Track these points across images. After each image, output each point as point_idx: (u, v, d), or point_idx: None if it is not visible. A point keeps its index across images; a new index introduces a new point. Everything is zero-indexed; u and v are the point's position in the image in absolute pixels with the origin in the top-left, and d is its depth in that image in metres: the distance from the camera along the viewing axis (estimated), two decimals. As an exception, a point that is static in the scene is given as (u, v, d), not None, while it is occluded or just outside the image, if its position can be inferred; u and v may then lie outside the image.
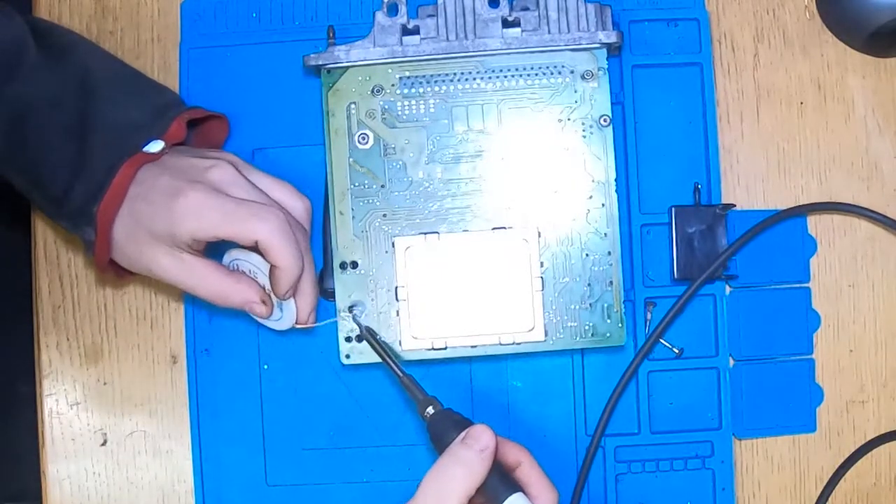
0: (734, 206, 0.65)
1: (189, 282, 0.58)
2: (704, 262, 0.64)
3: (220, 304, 0.59)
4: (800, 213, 0.65)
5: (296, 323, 0.61)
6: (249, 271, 0.60)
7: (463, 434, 0.55)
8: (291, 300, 0.61)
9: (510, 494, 0.54)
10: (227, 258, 0.61)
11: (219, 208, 0.57)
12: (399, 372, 0.59)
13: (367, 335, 0.62)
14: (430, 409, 0.57)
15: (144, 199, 0.57)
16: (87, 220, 0.58)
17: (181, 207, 0.56)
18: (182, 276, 0.58)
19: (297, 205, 0.61)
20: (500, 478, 0.55)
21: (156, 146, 0.59)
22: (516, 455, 0.56)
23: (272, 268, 0.58)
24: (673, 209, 0.64)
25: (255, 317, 0.61)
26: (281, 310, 0.61)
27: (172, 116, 0.60)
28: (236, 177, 0.59)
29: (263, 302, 0.59)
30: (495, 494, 0.54)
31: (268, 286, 0.60)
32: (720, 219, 0.64)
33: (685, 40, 0.65)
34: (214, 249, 0.61)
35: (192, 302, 0.66)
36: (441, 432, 0.56)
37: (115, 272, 0.61)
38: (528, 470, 0.56)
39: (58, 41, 0.61)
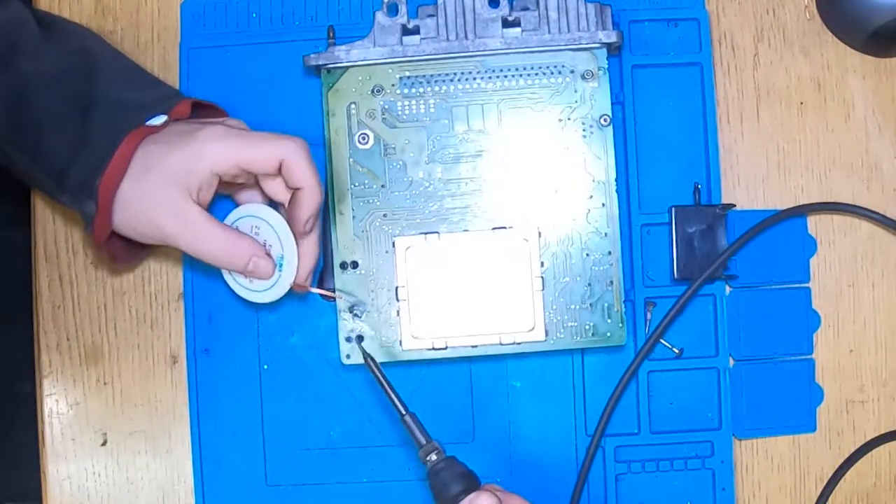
0: (734, 206, 0.65)
1: (192, 238, 0.58)
2: (704, 262, 0.64)
3: (224, 263, 0.59)
4: (800, 213, 0.65)
5: (294, 283, 0.61)
6: (252, 227, 0.60)
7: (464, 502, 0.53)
8: (293, 263, 0.60)
9: None
10: (227, 220, 0.61)
11: (241, 135, 0.58)
12: (402, 410, 0.56)
13: (373, 367, 0.58)
14: (434, 457, 0.55)
15: (159, 142, 0.58)
16: (89, 193, 0.57)
17: (203, 135, 0.57)
18: (185, 234, 0.58)
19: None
20: None
21: (159, 119, 0.59)
22: None
23: (295, 193, 0.59)
24: (673, 209, 0.64)
25: (247, 291, 0.61)
26: (280, 269, 0.60)
27: (176, 101, 0.60)
28: (246, 126, 0.60)
29: (268, 255, 0.60)
30: None
31: (269, 241, 0.60)
32: (720, 219, 0.64)
33: (685, 40, 0.66)
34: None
35: (193, 301, 0.66)
36: (442, 485, 0.54)
37: (110, 254, 0.61)
38: None
39: (61, 26, 0.61)
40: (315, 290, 0.62)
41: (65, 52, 0.59)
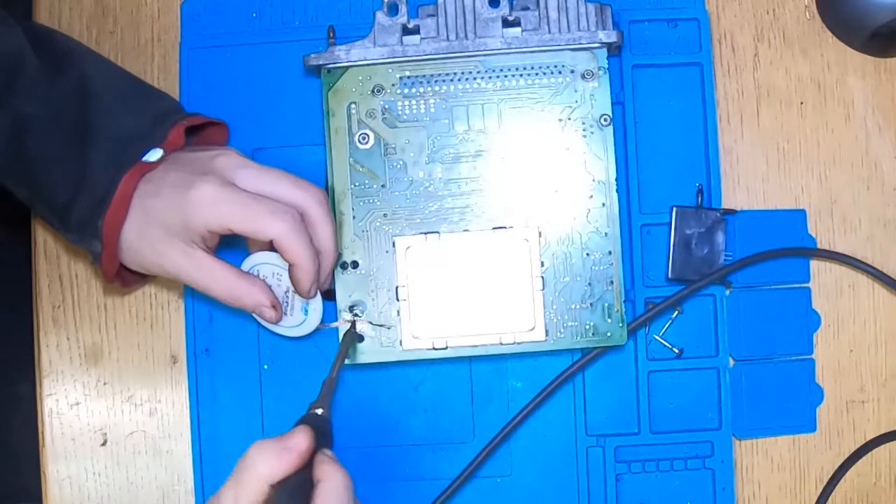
0: (735, 210, 0.65)
1: (202, 281, 0.58)
2: (700, 265, 0.64)
3: (232, 304, 0.59)
4: (802, 254, 0.65)
5: (320, 324, 0.62)
6: (273, 274, 0.61)
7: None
8: (318, 301, 0.61)
9: None
10: (247, 263, 0.61)
11: (234, 201, 0.56)
12: (334, 373, 0.57)
13: (351, 330, 0.62)
14: (319, 411, 0.55)
15: (155, 196, 0.57)
16: (93, 232, 0.58)
17: (195, 199, 0.56)
18: (196, 276, 0.58)
19: (309, 199, 0.59)
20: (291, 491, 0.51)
21: (154, 155, 0.58)
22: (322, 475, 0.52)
23: (290, 266, 0.58)
24: (674, 209, 0.64)
25: (269, 325, 0.61)
26: (305, 313, 0.61)
27: (171, 124, 0.59)
28: (242, 160, 0.58)
29: (273, 307, 0.59)
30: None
31: (292, 288, 0.60)
32: (720, 223, 0.64)
33: (685, 40, 0.66)
34: (234, 254, 0.61)
35: (193, 301, 0.66)
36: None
37: (121, 282, 0.62)
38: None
39: (56, 48, 0.60)
40: (339, 325, 0.63)
41: (62, 82, 0.59)
